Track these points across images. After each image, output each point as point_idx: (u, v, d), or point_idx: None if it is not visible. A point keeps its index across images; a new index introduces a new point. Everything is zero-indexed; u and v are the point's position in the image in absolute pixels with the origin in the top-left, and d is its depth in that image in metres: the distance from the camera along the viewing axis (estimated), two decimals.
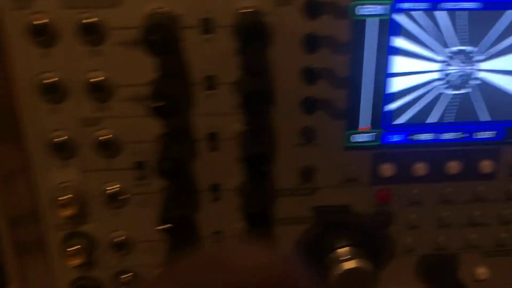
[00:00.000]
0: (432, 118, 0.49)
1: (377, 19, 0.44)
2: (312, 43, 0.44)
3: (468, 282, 0.55)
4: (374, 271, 0.50)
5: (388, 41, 0.45)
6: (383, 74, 0.46)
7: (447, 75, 0.47)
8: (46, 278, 0.51)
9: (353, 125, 0.48)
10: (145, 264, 0.51)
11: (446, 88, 0.47)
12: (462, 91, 0.48)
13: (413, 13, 0.45)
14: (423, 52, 0.46)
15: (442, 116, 0.49)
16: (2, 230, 0.48)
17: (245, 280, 0.20)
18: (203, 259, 0.22)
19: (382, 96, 0.47)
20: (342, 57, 0.45)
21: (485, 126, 0.49)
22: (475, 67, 0.47)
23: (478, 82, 0.48)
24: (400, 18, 0.45)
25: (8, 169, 0.46)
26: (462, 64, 0.47)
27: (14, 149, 0.46)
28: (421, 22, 0.45)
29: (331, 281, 0.50)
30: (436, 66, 0.47)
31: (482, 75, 0.47)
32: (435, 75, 0.47)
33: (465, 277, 0.55)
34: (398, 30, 0.45)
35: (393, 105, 0.48)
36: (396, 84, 0.47)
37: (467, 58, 0.47)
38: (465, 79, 0.47)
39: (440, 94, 0.48)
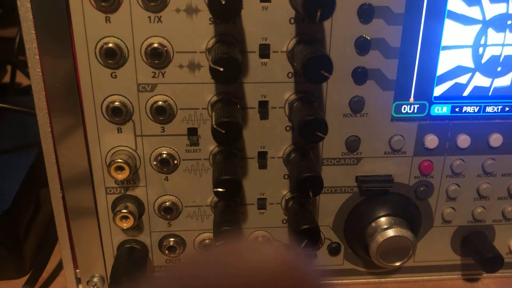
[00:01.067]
0: (478, 90, 0.50)
1: None
2: (367, 12, 0.45)
3: (502, 253, 0.57)
4: (414, 239, 0.51)
5: (443, 13, 0.46)
6: (435, 46, 0.47)
7: (495, 49, 0.48)
8: (95, 241, 0.52)
9: (402, 96, 0.49)
10: (190, 229, 0.53)
11: (492, 61, 0.48)
12: (505, 62, 0.49)
13: None
14: (476, 26, 0.47)
15: (487, 89, 0.50)
16: (54, 192, 0.50)
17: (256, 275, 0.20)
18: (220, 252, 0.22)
19: (432, 68, 0.48)
20: (395, 28, 0.46)
21: None
22: None
23: None
24: None
25: (66, 134, 0.47)
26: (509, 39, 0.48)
27: (72, 112, 0.46)
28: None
29: (372, 249, 0.51)
30: (485, 40, 0.48)
31: None
32: (484, 50, 0.48)
33: (499, 249, 0.56)
34: (454, 3, 0.46)
35: (442, 76, 0.49)
36: (447, 58, 0.48)
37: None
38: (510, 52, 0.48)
39: (487, 66, 0.49)
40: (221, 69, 0.40)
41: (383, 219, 0.52)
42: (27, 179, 0.59)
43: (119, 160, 0.47)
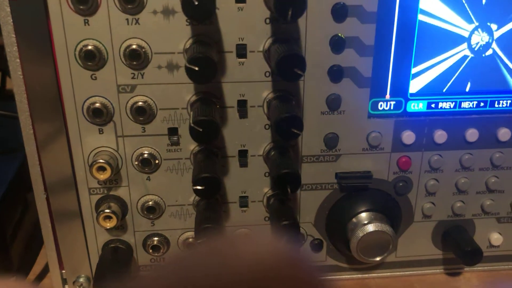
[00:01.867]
0: (453, 87, 0.51)
1: None
2: (340, 11, 0.46)
3: (482, 247, 0.57)
4: (394, 234, 0.52)
5: (416, 10, 0.47)
6: (409, 43, 0.48)
7: (470, 44, 0.49)
8: (80, 242, 0.53)
9: (378, 93, 0.50)
10: (173, 228, 0.54)
11: (468, 55, 0.49)
12: (481, 57, 0.50)
13: None
14: (449, 22, 0.48)
15: (462, 84, 0.51)
16: (38, 195, 0.50)
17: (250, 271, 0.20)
18: (208, 248, 0.22)
19: (407, 65, 0.49)
20: (369, 26, 0.47)
21: (503, 95, 0.51)
22: (496, 34, 0.49)
23: (497, 48, 0.49)
24: None
25: (48, 136, 0.48)
26: (484, 32, 0.49)
27: (54, 114, 0.47)
28: None
29: (353, 244, 0.52)
30: (461, 34, 0.49)
31: (498, 42, 0.49)
32: (459, 44, 0.49)
33: (479, 243, 0.57)
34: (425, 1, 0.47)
35: (417, 73, 0.50)
36: (421, 52, 0.49)
37: (489, 26, 0.48)
38: (486, 46, 0.49)
39: (462, 62, 0.50)
40: (197, 69, 0.41)
41: (363, 214, 0.53)
42: (14, 181, 0.60)
43: (101, 161, 0.48)
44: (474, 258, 0.54)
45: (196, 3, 0.39)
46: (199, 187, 0.44)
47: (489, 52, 0.49)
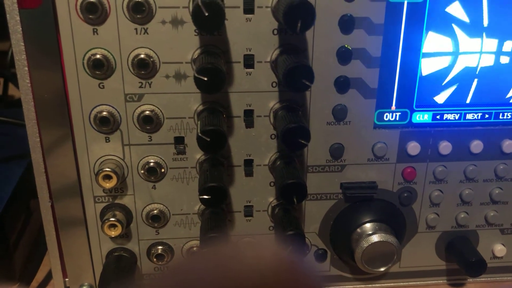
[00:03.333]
0: (458, 98, 0.51)
1: (413, 1, 0.46)
2: (348, 23, 0.46)
3: (486, 259, 0.57)
4: (399, 245, 0.52)
5: (422, 23, 0.47)
6: (416, 55, 0.48)
7: (475, 57, 0.49)
8: (84, 250, 0.53)
9: (383, 104, 0.50)
10: (178, 237, 0.54)
11: (472, 69, 0.50)
12: (484, 72, 0.50)
13: None
14: (455, 35, 0.48)
15: (468, 96, 0.51)
16: (43, 202, 0.50)
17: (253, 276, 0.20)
18: (211, 256, 0.22)
19: (412, 77, 0.49)
20: (376, 38, 0.47)
21: (507, 107, 0.52)
22: (498, 49, 0.49)
23: (500, 62, 0.50)
24: (437, 2, 0.47)
25: (54, 144, 0.48)
26: (489, 47, 0.49)
27: (61, 122, 0.47)
28: (458, 5, 0.47)
29: (357, 255, 0.52)
30: (467, 48, 0.49)
31: (503, 56, 0.50)
32: (465, 57, 0.49)
33: (483, 254, 0.57)
34: (433, 12, 0.47)
35: (423, 86, 0.50)
36: (427, 65, 0.49)
37: (494, 41, 0.49)
38: (490, 60, 0.50)
39: (467, 74, 0.50)
40: (205, 79, 0.41)
41: (368, 225, 0.53)
42: (18, 189, 0.60)
43: (107, 169, 0.48)
44: (478, 269, 0.54)
45: (207, 14, 0.39)
46: (205, 197, 0.44)
47: (494, 63, 0.50)
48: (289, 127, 0.44)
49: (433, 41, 0.48)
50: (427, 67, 0.49)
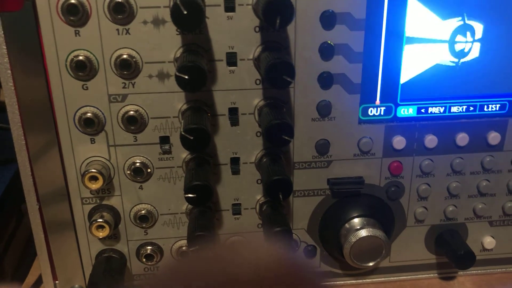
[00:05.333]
0: (443, 91, 0.51)
1: None
2: (329, 19, 0.46)
3: (476, 251, 0.58)
4: (387, 239, 0.52)
5: (404, 16, 0.47)
6: (398, 49, 0.49)
7: (457, 48, 0.49)
8: (73, 252, 0.53)
9: (368, 99, 0.50)
10: (167, 237, 0.54)
11: (456, 60, 0.50)
12: (470, 62, 0.50)
13: None
14: (436, 26, 0.48)
15: (451, 89, 0.51)
16: (31, 206, 0.50)
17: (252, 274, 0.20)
18: (210, 253, 0.22)
19: (396, 70, 0.50)
20: (358, 33, 0.47)
21: (491, 99, 0.52)
22: (481, 40, 0.49)
23: (484, 53, 0.50)
24: None
25: (40, 147, 0.48)
26: (470, 36, 0.49)
27: (46, 125, 0.47)
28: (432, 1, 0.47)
29: (346, 250, 0.52)
30: (449, 38, 0.49)
31: (486, 46, 0.50)
32: (447, 48, 0.49)
33: (472, 247, 0.57)
34: (414, 4, 0.47)
35: (407, 79, 0.50)
36: (410, 58, 0.49)
37: (475, 30, 0.49)
38: (472, 51, 0.50)
39: (450, 66, 0.50)
40: (186, 77, 0.41)
41: (356, 220, 0.53)
42: (8, 192, 0.60)
43: (93, 170, 0.48)
44: (466, 261, 0.54)
45: (185, 12, 0.39)
46: (191, 195, 0.45)
47: (477, 56, 0.50)
48: (272, 124, 0.44)
49: (414, 33, 0.48)
50: (410, 61, 0.49)
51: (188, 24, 0.40)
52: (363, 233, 0.52)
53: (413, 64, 0.50)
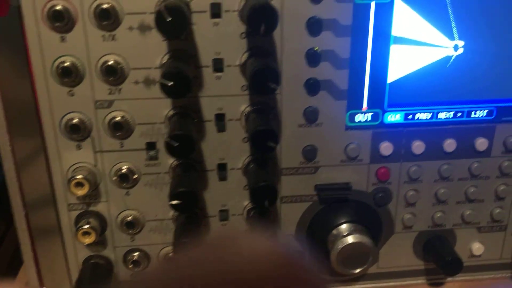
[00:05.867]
0: (430, 97, 0.51)
1: (379, 2, 0.47)
2: (315, 26, 0.46)
3: (464, 257, 0.58)
4: (374, 246, 0.52)
5: (390, 22, 0.48)
6: (385, 55, 0.49)
7: (445, 54, 0.50)
8: (60, 258, 0.53)
9: (354, 105, 0.50)
10: (154, 243, 0.53)
11: (443, 66, 0.50)
12: (454, 70, 0.50)
13: None
14: (423, 32, 0.49)
15: (439, 95, 0.51)
16: (17, 212, 0.50)
17: (249, 268, 0.20)
18: (206, 247, 0.22)
19: (383, 76, 0.50)
20: (344, 39, 0.47)
21: (479, 105, 0.52)
22: (469, 46, 0.50)
23: (472, 60, 0.50)
24: (400, 2, 0.47)
25: (26, 153, 0.48)
26: (458, 43, 0.49)
27: (32, 130, 0.47)
28: (419, 6, 0.47)
29: (333, 256, 0.52)
30: (436, 44, 0.49)
31: (474, 53, 0.50)
32: (434, 54, 0.49)
33: (461, 253, 0.57)
34: (400, 11, 0.47)
35: (394, 85, 0.50)
36: (397, 64, 0.49)
37: (463, 37, 0.49)
38: (460, 57, 0.50)
39: (437, 72, 0.50)
40: (170, 84, 0.41)
41: (343, 226, 0.53)
42: None
43: (79, 177, 0.48)
44: (454, 268, 0.54)
45: (169, 19, 0.39)
46: (175, 202, 0.44)
47: (464, 61, 0.50)
48: (257, 130, 0.44)
49: (401, 40, 0.49)
50: (396, 67, 0.49)
51: (172, 30, 0.40)
52: (350, 239, 0.52)
53: (400, 70, 0.50)
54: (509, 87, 0.52)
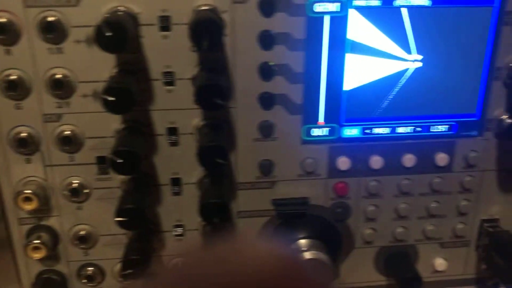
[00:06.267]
0: (388, 112, 0.50)
1: (333, 16, 0.46)
2: (268, 40, 0.46)
3: (427, 273, 0.57)
4: (331, 262, 0.51)
5: (344, 37, 0.47)
6: (340, 69, 0.48)
7: (401, 68, 0.49)
8: (11, 273, 0.52)
9: (310, 120, 0.49)
10: (108, 258, 0.53)
11: (400, 81, 0.49)
12: (416, 83, 0.49)
13: (367, 10, 0.46)
14: (379, 46, 0.48)
15: (397, 110, 0.50)
16: None
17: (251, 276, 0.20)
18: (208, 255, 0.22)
19: (339, 91, 0.49)
20: (297, 53, 0.47)
21: (439, 120, 0.51)
22: (426, 61, 0.49)
23: (430, 75, 0.49)
24: (355, 15, 0.46)
25: None
26: (415, 57, 0.48)
27: None
28: (375, 19, 0.47)
29: None
30: (391, 59, 0.48)
31: (432, 67, 0.49)
32: (390, 68, 0.49)
33: (424, 269, 0.56)
34: (355, 25, 0.46)
35: (350, 100, 0.49)
36: (352, 79, 0.48)
37: (420, 51, 0.48)
38: (418, 72, 0.49)
39: (395, 87, 0.49)
40: (111, 99, 0.40)
41: (302, 241, 0.52)
42: None
43: (27, 191, 0.47)
44: (413, 285, 0.53)
45: (109, 34, 0.38)
46: (121, 219, 0.44)
47: (423, 75, 0.49)
48: (204, 147, 0.43)
49: (356, 54, 0.48)
50: (351, 81, 0.49)
51: (112, 45, 0.39)
52: (307, 255, 0.51)
53: (356, 84, 0.49)
54: (470, 102, 0.51)
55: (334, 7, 0.46)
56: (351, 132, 0.51)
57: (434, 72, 0.49)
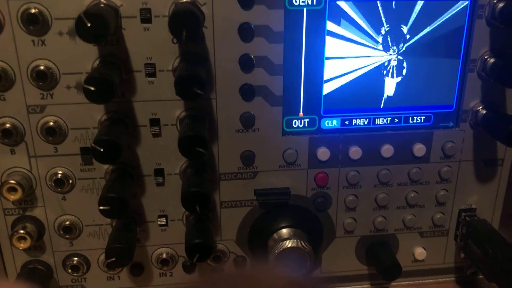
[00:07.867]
0: (367, 103, 0.51)
1: (311, 9, 0.47)
2: (247, 32, 0.47)
3: (407, 262, 0.58)
4: (311, 250, 0.52)
5: (323, 28, 0.48)
6: (319, 61, 0.49)
7: (380, 60, 0.50)
8: None
9: (290, 111, 0.50)
10: (93, 248, 0.53)
11: (379, 73, 0.50)
12: (394, 75, 0.51)
13: (346, 3, 0.47)
14: (357, 39, 0.49)
15: (375, 101, 0.51)
16: None
17: None
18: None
19: (318, 83, 0.50)
20: (277, 46, 0.48)
21: (416, 111, 0.52)
22: (404, 54, 0.50)
23: (408, 67, 0.50)
24: (336, 6, 0.47)
25: None
26: (393, 50, 0.50)
27: None
28: (353, 12, 0.48)
29: (271, 260, 0.52)
30: (370, 51, 0.49)
31: (409, 60, 0.50)
32: (369, 61, 0.50)
33: (404, 258, 0.57)
34: (333, 17, 0.48)
35: (329, 91, 0.50)
36: (332, 71, 0.50)
37: (397, 44, 0.49)
38: (396, 64, 0.50)
39: (373, 79, 0.50)
40: (92, 89, 0.41)
41: (283, 230, 0.53)
42: None
43: (11, 182, 0.48)
44: (393, 273, 0.54)
45: (89, 25, 0.39)
46: (104, 207, 0.44)
47: (401, 68, 0.50)
48: (184, 136, 0.44)
49: (334, 46, 0.49)
50: (330, 73, 0.50)
51: (92, 36, 0.40)
52: (288, 244, 0.52)
53: (336, 75, 0.50)
54: (446, 93, 0.52)
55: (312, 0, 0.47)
56: (331, 123, 0.52)
57: (412, 64, 0.50)
